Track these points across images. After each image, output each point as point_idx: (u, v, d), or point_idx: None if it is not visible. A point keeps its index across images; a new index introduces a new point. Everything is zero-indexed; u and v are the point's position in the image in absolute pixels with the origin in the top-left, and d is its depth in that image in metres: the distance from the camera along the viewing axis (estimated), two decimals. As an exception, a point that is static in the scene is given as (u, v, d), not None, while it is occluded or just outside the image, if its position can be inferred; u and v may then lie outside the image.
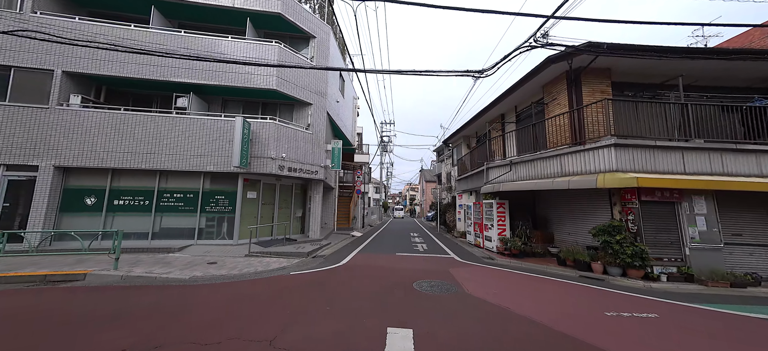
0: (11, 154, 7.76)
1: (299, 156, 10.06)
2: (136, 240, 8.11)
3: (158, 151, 8.38)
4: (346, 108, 16.53)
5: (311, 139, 10.63)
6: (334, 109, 13.15)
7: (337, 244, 10.38)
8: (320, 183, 11.22)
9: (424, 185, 42.22)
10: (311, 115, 10.82)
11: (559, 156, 7.39)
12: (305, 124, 10.70)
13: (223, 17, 10.22)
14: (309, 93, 10.79)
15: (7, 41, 7.99)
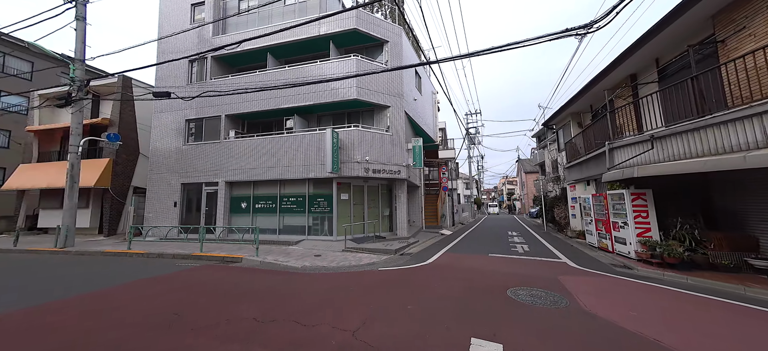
0: (207, 175, 11.67)
1: (382, 157, 10.60)
2: (269, 235, 10.58)
3: (277, 165, 10.68)
4: (425, 105, 16.30)
5: (391, 140, 11.02)
6: (412, 108, 13.19)
7: (424, 242, 10.31)
8: (404, 182, 11.45)
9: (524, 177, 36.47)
10: (390, 117, 11.22)
11: (760, 115, 4.70)
12: (385, 127, 11.19)
13: (313, 46, 12.02)
14: (386, 96, 11.24)
15: (201, 102, 12.11)
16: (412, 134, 14.24)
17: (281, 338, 2.99)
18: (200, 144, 12.00)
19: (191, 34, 12.64)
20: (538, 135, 28.96)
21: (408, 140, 12.10)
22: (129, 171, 14.21)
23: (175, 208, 11.82)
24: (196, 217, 11.72)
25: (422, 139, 12.09)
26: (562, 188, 13.81)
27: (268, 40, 11.46)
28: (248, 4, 13.16)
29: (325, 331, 3.13)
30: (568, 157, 12.05)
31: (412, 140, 11.93)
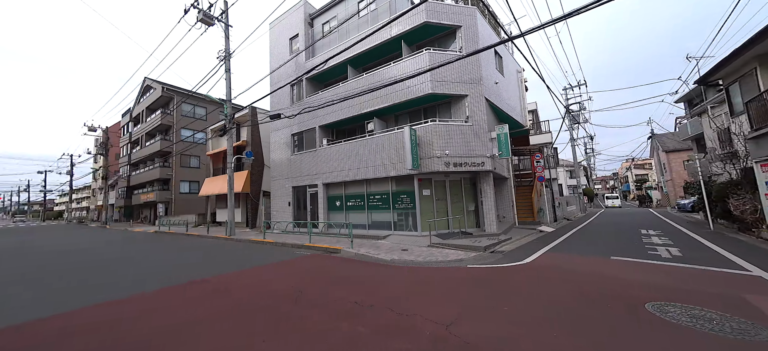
0: (309, 179, 14.08)
1: (462, 150, 10.13)
2: (360, 229, 11.79)
3: (362, 166, 11.75)
4: (509, 86, 14.51)
5: (472, 130, 10.36)
6: (494, 93, 11.99)
7: (518, 239, 9.28)
8: (489, 174, 10.58)
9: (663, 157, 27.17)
10: (468, 106, 10.56)
11: None
12: (463, 117, 10.61)
13: (386, 49, 12.56)
14: (462, 85, 10.64)
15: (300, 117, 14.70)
16: (496, 121, 12.95)
17: (379, 322, 3.35)
18: (302, 153, 14.52)
19: (291, 63, 15.39)
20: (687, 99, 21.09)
21: (491, 129, 11.09)
22: (259, 179, 18.62)
23: (289, 206, 14.74)
24: (303, 214, 14.28)
25: (508, 126, 10.82)
26: (742, 168, 9.60)
27: (347, 54, 12.73)
28: (329, 26, 14.97)
29: (418, 322, 3.31)
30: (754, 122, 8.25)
31: (495, 128, 10.86)
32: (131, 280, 5.77)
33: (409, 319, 3.40)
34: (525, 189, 15.96)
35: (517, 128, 15.81)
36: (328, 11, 15.10)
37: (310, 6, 16.09)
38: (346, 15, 14.10)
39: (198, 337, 3.14)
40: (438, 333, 3.00)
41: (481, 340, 2.84)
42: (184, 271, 6.52)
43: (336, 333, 3.11)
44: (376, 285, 4.89)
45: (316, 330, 3.22)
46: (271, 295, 4.52)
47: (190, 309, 4.05)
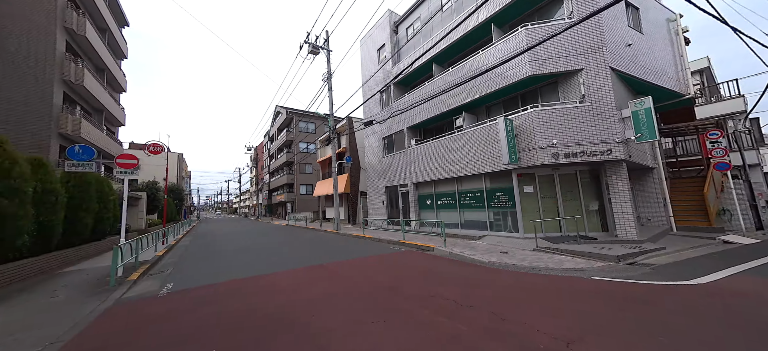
0: (399, 179, 14.83)
1: (576, 137, 8.26)
2: (452, 228, 11.45)
3: (452, 163, 11.37)
4: (653, 45, 10.81)
5: (590, 112, 8.30)
6: (626, 58, 9.23)
7: (679, 251, 6.80)
8: (620, 164, 8.19)
9: None
10: (583, 82, 8.51)
11: None
12: (577, 97, 8.62)
13: (474, 37, 11.71)
14: (574, 58, 8.68)
15: (389, 121, 15.68)
16: (631, 95, 9.93)
17: (480, 323, 3.20)
18: (392, 155, 15.40)
19: (379, 72, 16.62)
20: None
21: (621, 106, 8.55)
22: (357, 180, 20.99)
23: (383, 205, 15.92)
24: (396, 212, 15.11)
25: (651, 98, 8.03)
26: None
27: (431, 52, 12.66)
28: (413, 28, 15.28)
29: (528, 332, 2.95)
30: None
31: (629, 104, 8.29)
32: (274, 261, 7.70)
33: (515, 326, 3.08)
34: (689, 182, 11.42)
35: (671, 98, 11.57)
36: (410, 15, 15.49)
37: (395, 14, 16.93)
38: (428, 14, 14.07)
39: (321, 310, 3.89)
40: (555, 349, 2.58)
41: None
42: (307, 256, 8.15)
43: (437, 327, 3.17)
44: (473, 286, 4.65)
45: (415, 321, 3.38)
46: (373, 284, 5.04)
47: (314, 286, 5.04)
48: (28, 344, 3.24)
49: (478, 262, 6.46)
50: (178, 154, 40.10)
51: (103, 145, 14.61)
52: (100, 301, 4.65)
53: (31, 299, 4.87)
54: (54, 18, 11.59)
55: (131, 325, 3.67)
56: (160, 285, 5.52)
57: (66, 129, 11.71)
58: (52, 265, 7.15)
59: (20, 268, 6.03)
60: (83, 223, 8.73)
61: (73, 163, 6.90)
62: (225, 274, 6.13)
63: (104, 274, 6.40)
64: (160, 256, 8.72)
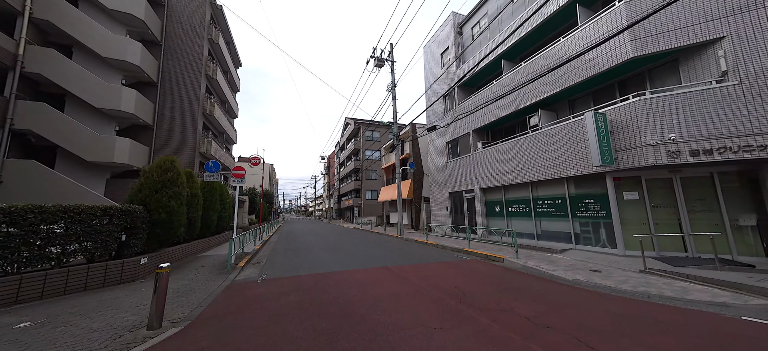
0: (465, 184, 14.23)
1: (711, 129, 6.35)
2: (526, 239, 10.28)
3: (525, 167, 10.27)
4: None
5: (735, 93, 6.26)
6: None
7: None
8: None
9: None
10: (725, 54, 6.49)
11: None
12: (715, 76, 6.64)
13: (553, 24, 10.42)
14: (707, 25, 6.73)
15: (454, 125, 15.28)
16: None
17: (560, 347, 2.87)
18: (457, 159, 14.89)
19: (443, 77, 16.42)
20: None
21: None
22: (420, 186, 21.04)
23: (447, 211, 15.49)
24: (461, 218, 14.49)
25: None
26: None
27: (500, 49, 11.84)
28: (480, 26, 14.58)
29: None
30: None
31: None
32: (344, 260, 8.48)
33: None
34: None
35: None
36: (476, 13, 14.87)
37: (459, 15, 16.55)
38: (497, 8, 13.24)
39: (387, 308, 4.14)
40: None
41: None
42: (373, 257, 8.68)
43: (510, 344, 2.99)
44: (552, 305, 4.13)
45: (485, 335, 3.26)
46: (439, 290, 5.04)
47: (381, 286, 5.38)
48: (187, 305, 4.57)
49: (560, 279, 5.65)
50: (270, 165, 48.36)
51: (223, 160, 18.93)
52: (222, 280, 6.09)
53: (185, 274, 6.76)
54: (200, 68, 15.86)
55: (243, 301, 4.72)
56: (259, 273, 6.80)
57: (202, 149, 15.77)
58: (195, 250, 9.71)
59: (179, 250, 8.43)
60: (211, 219, 11.51)
61: (208, 174, 9.28)
62: (305, 268, 7.12)
63: (224, 260, 8.31)
64: (258, 250, 10.70)
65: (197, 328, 3.60)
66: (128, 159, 11.91)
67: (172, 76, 15.02)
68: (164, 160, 7.61)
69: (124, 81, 13.05)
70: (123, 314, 4.06)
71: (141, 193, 6.92)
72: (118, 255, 5.89)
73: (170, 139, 14.35)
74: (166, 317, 3.86)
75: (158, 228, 6.95)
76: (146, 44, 14.22)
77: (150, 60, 13.85)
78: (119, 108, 11.85)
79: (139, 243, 6.28)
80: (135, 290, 5.26)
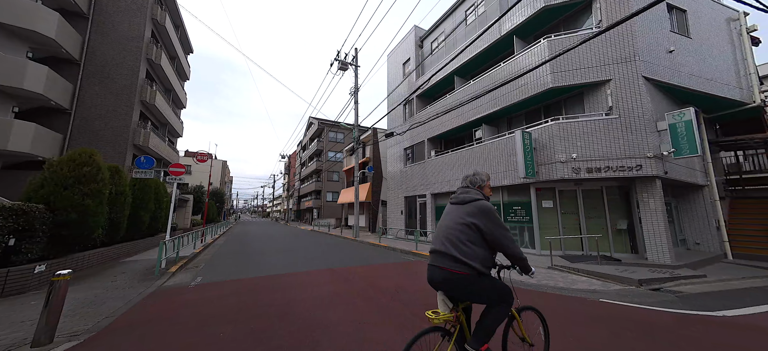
0: (418, 189, 14.94)
1: (601, 151, 7.76)
2: (468, 241, 11.21)
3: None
4: (704, 49, 9.76)
5: (618, 124, 7.76)
6: (664, 66, 8.49)
7: (725, 281, 6.01)
8: (652, 181, 7.47)
9: None
10: (611, 93, 8.00)
11: None
12: (604, 109, 8.12)
13: (496, 50, 11.66)
14: (600, 68, 8.24)
15: (411, 132, 15.97)
16: (675, 105, 9.04)
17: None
18: (413, 165, 15.60)
19: (404, 85, 17.09)
20: None
21: (658, 117, 7.85)
22: (379, 189, 21.46)
23: (401, 215, 16.09)
24: (413, 222, 15.17)
25: (693, 110, 7.28)
26: None
27: (452, 65, 12.82)
28: (437, 42, 15.57)
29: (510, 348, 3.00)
30: None
31: (666, 116, 7.58)
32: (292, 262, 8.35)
33: None
34: (755, 203, 9.86)
35: (728, 108, 10.26)
36: (435, 29, 15.85)
37: (420, 29, 17.43)
38: (452, 27, 14.29)
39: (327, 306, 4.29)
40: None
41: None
42: (325, 260, 8.69)
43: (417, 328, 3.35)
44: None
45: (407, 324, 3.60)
46: (378, 289, 5.32)
47: (323, 287, 5.47)
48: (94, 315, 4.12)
49: (485, 277, 6.36)
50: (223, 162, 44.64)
51: (165, 154, 17.02)
52: (146, 287, 5.57)
53: (99, 282, 6.00)
54: (140, 51, 14.06)
55: (168, 307, 4.42)
56: (192, 277, 6.36)
57: (139, 141, 13.98)
58: (117, 254, 8.61)
59: (97, 255, 7.41)
60: (142, 220, 10.31)
61: (138, 171, 8.35)
62: (249, 272, 6.85)
63: (152, 265, 7.55)
64: (197, 253, 9.90)
65: (102, 340, 3.30)
66: (30, 147, 10.06)
67: (104, 56, 13.16)
68: (81, 152, 6.69)
69: (31, 54, 11.05)
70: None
71: (43, 190, 5.98)
72: (3, 263, 5.00)
73: (97, 128, 12.53)
74: (64, 331, 3.45)
75: (66, 230, 6.07)
76: (68, 16, 12.25)
77: (71, 34, 11.96)
78: (21, 86, 9.98)
79: (35, 248, 5.41)
80: (24, 304, 4.55)
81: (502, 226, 2.01)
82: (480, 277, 1.91)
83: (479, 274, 1.90)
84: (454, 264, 1.90)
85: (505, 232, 2.00)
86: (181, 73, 20.71)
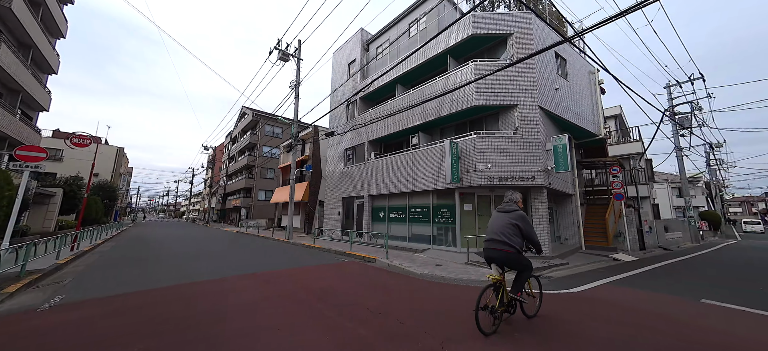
0: (357, 190, 15.06)
1: (508, 164, 9.40)
2: (400, 241, 11.93)
3: (405, 179, 12.00)
4: (576, 91, 12.78)
5: (521, 142, 9.54)
6: (552, 100, 10.81)
7: (578, 266, 7.96)
8: (542, 190, 9.46)
9: None
10: (517, 117, 9.80)
11: None
12: (512, 128, 9.87)
13: (433, 65, 12.79)
14: (511, 94, 9.99)
15: (353, 133, 16.01)
16: (557, 131, 11.55)
17: (381, 330, 3.51)
18: (353, 166, 15.68)
19: (348, 85, 17.04)
20: None
21: (547, 139, 9.97)
22: (317, 189, 20.75)
23: (338, 216, 15.95)
24: (350, 223, 15.24)
25: (568, 136, 9.54)
26: None
27: (395, 72, 13.49)
28: (382, 48, 16.10)
29: (416, 335, 3.33)
30: None
31: (551, 138, 9.72)
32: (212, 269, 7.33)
33: (411, 330, 3.45)
34: (599, 209, 13.44)
35: (587, 137, 13.68)
36: (381, 36, 16.35)
37: (367, 33, 17.70)
38: (397, 35, 15.02)
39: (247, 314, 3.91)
40: (429, 348, 2.99)
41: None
42: (250, 264, 7.90)
43: (339, 331, 3.41)
44: (396, 297, 4.99)
45: (328, 325, 3.59)
46: (307, 291, 5.14)
47: (249, 293, 4.99)
48: None
49: (412, 274, 6.89)
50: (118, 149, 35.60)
51: (13, 133, 12.62)
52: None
53: None
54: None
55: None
56: (46, 297, 4.81)
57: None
58: None
59: None
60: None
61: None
62: (145, 283, 5.69)
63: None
64: (62, 264, 7.51)
65: None
66: None
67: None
68: None
69: None
70: None
71: None
72: None
73: None
74: None
75: None
76: None
77: None
78: None
79: None
80: None
81: (531, 226, 3.50)
82: (518, 254, 3.34)
83: (518, 252, 3.33)
84: (504, 246, 3.33)
85: (532, 229, 3.48)
86: (50, 27, 15.79)
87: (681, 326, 3.77)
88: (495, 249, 3.36)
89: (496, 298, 3.31)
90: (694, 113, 18.29)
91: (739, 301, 4.95)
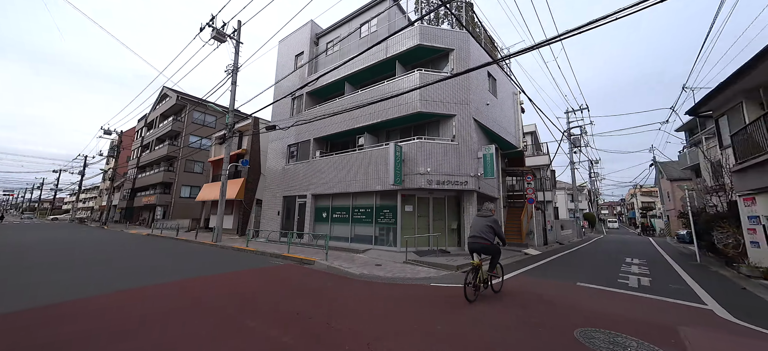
0: (299, 189, 14.25)
1: (446, 168, 10.19)
2: (343, 242, 11.75)
3: (350, 179, 11.89)
4: (503, 108, 14.67)
5: (458, 149, 10.46)
6: (484, 114, 12.16)
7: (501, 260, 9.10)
8: (473, 193, 10.56)
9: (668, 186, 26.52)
10: (455, 125, 10.73)
11: None
12: (450, 136, 10.75)
13: (382, 68, 13.02)
14: (451, 105, 10.88)
15: (298, 129, 15.08)
16: (487, 142, 13.05)
17: (308, 332, 3.35)
18: (296, 163, 14.81)
19: (294, 78, 16.02)
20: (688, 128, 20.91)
21: (480, 149, 11.18)
22: (254, 187, 18.93)
23: (278, 216, 14.86)
24: (291, 223, 14.35)
25: (495, 147, 10.90)
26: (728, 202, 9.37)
27: (344, 71, 13.27)
28: (333, 44, 15.66)
29: (343, 336, 3.28)
30: (738, 156, 8.15)
31: (481, 148, 10.94)
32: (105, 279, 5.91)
33: (336, 332, 3.38)
34: (517, 211, 15.73)
35: (509, 149, 15.83)
36: (332, 31, 15.87)
37: (317, 26, 16.95)
38: (348, 33, 14.79)
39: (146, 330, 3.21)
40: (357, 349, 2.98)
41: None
42: (159, 272, 6.64)
43: (264, 339, 3.13)
44: (328, 298, 4.85)
45: (244, 334, 3.24)
46: (227, 299, 4.57)
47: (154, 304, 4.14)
48: None
49: (350, 275, 6.84)
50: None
51: None
52: None
53: None
54: None
55: None
56: None
57: None
58: None
59: None
60: None
61: None
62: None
63: None
64: None
65: None
66: None
67: None
68: None
69: None
70: None
71: None
72: None
73: None
74: None
75: None
76: None
77: None
78: None
79: None
80: None
81: (501, 227, 5.07)
82: (493, 246, 4.83)
83: (492, 244, 4.80)
84: (484, 240, 4.77)
85: (501, 229, 5.06)
86: None
87: (563, 305, 4.65)
88: (477, 242, 4.79)
89: (475, 277, 4.58)
90: (583, 135, 23.13)
91: (599, 282, 6.44)
